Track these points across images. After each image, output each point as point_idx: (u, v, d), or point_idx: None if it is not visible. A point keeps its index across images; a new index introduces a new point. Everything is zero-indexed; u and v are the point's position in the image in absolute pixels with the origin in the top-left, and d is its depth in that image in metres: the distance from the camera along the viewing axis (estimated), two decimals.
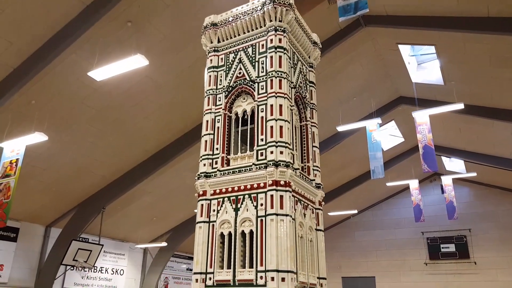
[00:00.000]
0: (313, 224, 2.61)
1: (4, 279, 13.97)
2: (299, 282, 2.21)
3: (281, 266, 2.08)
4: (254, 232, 2.21)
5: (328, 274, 2.60)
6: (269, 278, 2.06)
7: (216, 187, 2.50)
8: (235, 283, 2.20)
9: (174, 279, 20.55)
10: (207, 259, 2.33)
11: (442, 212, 18.26)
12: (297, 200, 2.46)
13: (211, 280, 2.25)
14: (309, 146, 2.82)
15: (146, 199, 15.51)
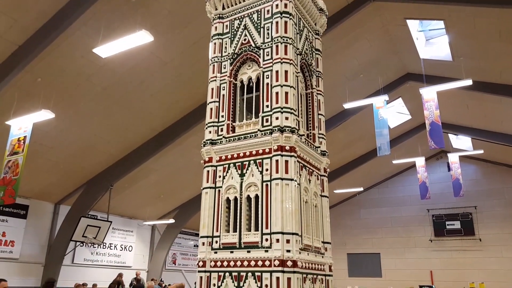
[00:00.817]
0: (318, 190, 2.63)
1: (16, 255, 14.32)
2: (304, 244, 2.24)
3: (286, 228, 2.11)
4: (259, 197, 2.24)
5: (333, 251, 2.64)
6: (274, 240, 2.10)
7: (221, 154, 2.52)
8: (241, 245, 2.23)
9: (182, 255, 20.94)
10: (214, 223, 2.37)
11: (448, 190, 18.26)
12: (302, 166, 2.47)
13: (218, 243, 2.29)
14: (315, 114, 2.81)
15: (153, 177, 15.66)
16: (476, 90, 12.99)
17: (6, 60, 9.41)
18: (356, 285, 18.09)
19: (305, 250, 2.28)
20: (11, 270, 14.12)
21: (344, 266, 21.31)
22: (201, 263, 2.27)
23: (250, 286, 2.14)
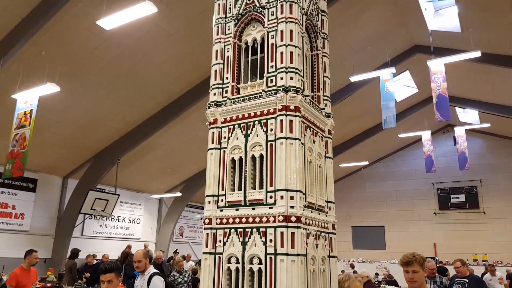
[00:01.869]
0: (322, 151, 2.65)
1: (26, 227, 14.65)
2: (308, 202, 2.29)
3: (290, 186, 2.15)
4: (264, 156, 2.27)
5: (338, 224, 2.70)
6: (279, 197, 2.14)
7: (226, 115, 2.54)
8: (246, 203, 2.28)
9: (189, 228, 21.33)
10: (219, 182, 2.41)
11: (453, 164, 18.26)
12: (306, 126, 2.49)
13: (223, 201, 2.34)
14: (320, 76, 2.80)
15: (159, 151, 15.78)
16: (485, 62, 12.80)
17: (10, 33, 9.38)
18: (360, 257, 18.43)
19: (309, 208, 2.33)
20: (22, 242, 14.48)
21: (349, 238, 21.60)
22: (207, 220, 2.33)
23: (255, 241, 2.20)
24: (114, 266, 3.76)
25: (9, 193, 14.34)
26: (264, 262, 2.11)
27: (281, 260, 2.06)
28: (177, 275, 9.74)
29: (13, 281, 6.69)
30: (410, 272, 3.70)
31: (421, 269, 3.75)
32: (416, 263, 3.73)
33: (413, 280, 3.70)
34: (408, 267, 3.73)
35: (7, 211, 14.21)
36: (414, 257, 3.77)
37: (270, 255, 2.10)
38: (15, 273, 6.83)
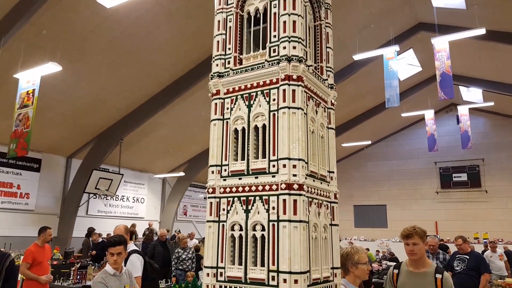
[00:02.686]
0: (325, 122, 2.66)
1: (31, 206, 14.84)
2: (310, 171, 2.32)
3: (292, 154, 2.18)
4: (266, 126, 2.28)
5: (340, 202, 2.74)
6: (281, 165, 2.17)
7: (229, 86, 2.54)
8: (249, 172, 2.31)
9: (193, 207, 21.57)
10: (222, 153, 2.43)
11: (456, 143, 18.26)
12: (309, 97, 2.49)
13: (226, 171, 2.37)
14: (323, 46, 2.78)
15: (162, 131, 15.83)
16: (490, 40, 12.64)
17: (10, 12, 9.31)
18: (361, 235, 18.63)
19: (311, 177, 2.36)
20: (28, 221, 14.70)
21: (351, 217, 21.81)
22: (211, 189, 2.36)
23: (258, 208, 2.24)
24: (123, 239, 3.97)
25: (13, 173, 14.48)
26: (267, 228, 2.15)
27: (284, 227, 2.10)
28: (181, 251, 9.91)
29: (29, 258, 6.75)
30: (410, 244, 3.74)
31: (421, 242, 3.79)
32: (416, 236, 3.77)
33: (413, 252, 3.75)
34: (409, 240, 3.76)
35: (12, 191, 14.38)
36: (414, 230, 3.81)
37: (273, 222, 2.14)
38: (30, 250, 6.89)
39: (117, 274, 3.84)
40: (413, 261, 3.83)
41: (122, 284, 3.84)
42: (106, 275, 3.80)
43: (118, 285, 3.78)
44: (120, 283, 3.82)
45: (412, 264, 3.85)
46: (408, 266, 3.88)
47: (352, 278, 3.04)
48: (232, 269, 2.22)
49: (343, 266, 3.04)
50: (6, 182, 14.26)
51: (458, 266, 7.63)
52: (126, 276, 4.00)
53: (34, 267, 6.81)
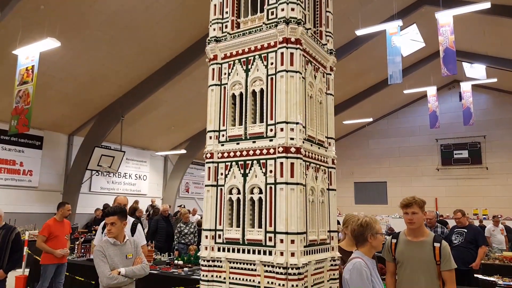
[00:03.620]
0: (323, 87, 2.64)
1: (35, 183, 14.97)
2: (308, 135, 2.32)
3: (290, 118, 2.18)
4: (264, 90, 2.27)
5: (341, 180, 2.73)
6: (279, 129, 2.17)
7: (226, 51, 2.51)
8: (247, 137, 2.32)
9: (194, 184, 21.74)
10: (220, 118, 2.43)
11: (458, 120, 18.18)
12: (307, 61, 2.46)
13: (224, 136, 2.38)
14: (322, 10, 2.73)
15: (163, 109, 15.79)
16: (494, 14, 12.41)
17: None
18: (362, 212, 18.78)
19: (309, 141, 2.36)
20: (32, 198, 14.86)
21: (351, 194, 21.95)
22: (209, 154, 2.37)
23: (255, 172, 2.25)
24: (117, 209, 4.01)
25: (16, 151, 14.55)
26: (264, 191, 2.18)
27: (281, 189, 2.12)
28: (183, 226, 10.06)
29: (45, 231, 6.93)
30: (409, 213, 3.73)
31: (421, 211, 3.78)
32: (415, 205, 3.76)
33: (412, 221, 3.74)
34: (408, 209, 3.76)
35: (15, 168, 14.48)
36: (414, 199, 3.81)
37: (270, 185, 2.16)
38: (47, 224, 7.06)
39: (117, 243, 3.88)
40: (412, 230, 3.83)
41: (123, 253, 3.86)
42: (106, 244, 3.87)
43: (119, 254, 3.81)
44: (120, 252, 3.85)
45: (410, 234, 3.86)
46: (406, 236, 3.89)
47: (368, 250, 2.97)
48: (230, 231, 2.25)
49: (361, 236, 2.98)
50: (8, 159, 14.34)
51: (456, 239, 7.72)
52: (130, 245, 4.02)
53: (51, 241, 6.96)
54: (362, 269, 2.74)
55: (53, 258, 7.00)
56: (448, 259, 3.60)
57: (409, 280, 3.64)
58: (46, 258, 6.99)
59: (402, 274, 3.76)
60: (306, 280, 2.05)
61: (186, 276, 7.74)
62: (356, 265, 2.73)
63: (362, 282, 2.66)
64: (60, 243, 7.10)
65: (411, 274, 3.63)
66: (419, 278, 3.63)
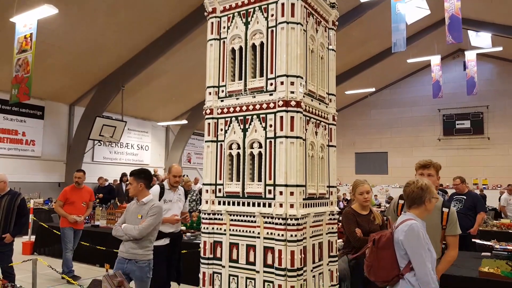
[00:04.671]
0: (325, 42, 2.59)
1: (38, 153, 15.06)
2: (308, 90, 2.29)
3: (290, 71, 2.15)
4: (264, 44, 2.23)
5: (342, 150, 2.71)
6: (279, 83, 2.15)
7: (225, 3, 2.44)
8: (246, 91, 2.30)
9: (196, 155, 21.83)
10: (219, 73, 2.41)
11: (461, 90, 18.01)
12: (309, 13, 2.40)
13: (224, 92, 2.36)
14: None
15: (164, 79, 15.67)
16: None
17: None
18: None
19: (309, 96, 2.34)
20: (36, 167, 14.99)
21: (352, 164, 22.03)
22: (209, 110, 2.37)
23: (255, 127, 2.25)
24: (134, 172, 4.39)
25: (18, 120, 14.56)
26: (264, 146, 2.18)
27: (280, 143, 2.12)
28: None
29: (61, 197, 7.28)
30: (425, 175, 3.62)
31: (436, 175, 3.67)
32: (433, 167, 3.66)
33: None
34: (425, 170, 3.64)
35: (18, 138, 14.53)
36: (431, 162, 3.69)
37: (270, 139, 2.16)
38: (64, 190, 7.42)
39: (136, 202, 4.29)
40: None
41: (136, 212, 4.18)
42: (133, 201, 4.38)
43: (135, 212, 4.18)
44: (136, 211, 4.19)
45: None
46: None
47: (421, 212, 2.99)
48: (230, 185, 2.27)
49: (419, 198, 2.99)
50: (11, 129, 14.37)
51: (455, 206, 7.80)
52: (146, 207, 4.17)
53: (67, 206, 7.26)
54: (419, 231, 2.82)
55: (68, 222, 7.24)
56: (455, 225, 3.57)
57: None
58: (63, 222, 7.28)
59: None
60: (304, 231, 2.08)
61: (189, 240, 7.93)
62: (412, 227, 2.79)
63: (419, 243, 2.73)
64: (76, 209, 7.34)
65: None
66: None
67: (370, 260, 2.89)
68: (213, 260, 2.06)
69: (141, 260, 4.05)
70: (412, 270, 2.82)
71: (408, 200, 3.04)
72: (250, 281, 1.98)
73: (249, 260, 2.01)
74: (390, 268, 2.83)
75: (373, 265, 2.89)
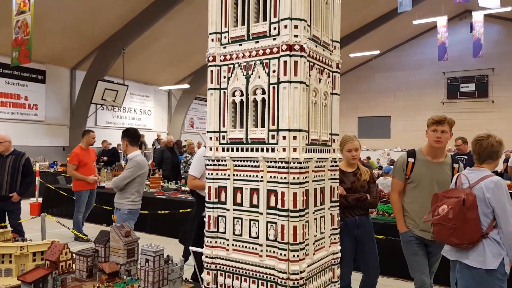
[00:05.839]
0: None
1: (41, 117, 15.10)
2: (312, 35, 2.27)
3: (294, 14, 2.11)
4: None
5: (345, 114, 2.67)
6: (282, 26, 2.11)
7: None
8: (249, 37, 2.27)
9: (199, 119, 21.86)
10: (222, 19, 2.37)
11: (467, 52, 17.69)
12: None
13: (226, 38, 2.33)
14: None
15: (165, 41, 15.44)
16: None
17: None
18: (364, 145, 18.94)
19: (313, 41, 2.31)
20: (40, 132, 15.08)
21: (354, 128, 22.01)
22: (211, 58, 2.34)
23: (258, 73, 2.24)
24: (123, 132, 4.84)
25: (19, 85, 14.52)
26: (267, 91, 2.17)
27: (284, 88, 2.12)
28: (189, 156, 10.29)
29: (75, 160, 7.02)
30: (439, 131, 3.47)
31: (449, 132, 3.54)
32: (447, 124, 3.52)
33: (440, 140, 3.47)
34: (439, 126, 3.49)
35: (21, 102, 14.54)
36: (446, 118, 3.55)
37: (273, 85, 2.15)
38: (75, 153, 7.11)
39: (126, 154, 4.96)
40: (434, 150, 3.54)
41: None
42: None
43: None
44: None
45: (430, 153, 3.58)
46: (425, 155, 3.60)
47: (492, 167, 2.97)
48: (234, 131, 2.28)
49: (496, 153, 2.97)
50: (13, 93, 14.36)
51: None
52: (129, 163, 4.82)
53: (81, 168, 7.10)
54: (505, 186, 2.81)
55: (85, 185, 7.16)
56: None
57: (425, 199, 3.47)
58: (79, 185, 7.16)
59: (417, 195, 3.58)
60: (307, 175, 2.11)
61: (193, 200, 8.06)
62: (500, 183, 2.77)
63: (506, 199, 2.72)
64: (90, 169, 7.27)
65: (428, 194, 3.41)
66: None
67: (455, 222, 2.80)
68: (218, 204, 2.10)
69: (122, 208, 4.61)
70: (495, 228, 2.79)
71: (484, 155, 2.96)
72: (254, 223, 2.03)
73: (252, 203, 2.05)
74: (477, 229, 2.78)
75: (458, 227, 2.80)
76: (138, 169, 4.68)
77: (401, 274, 5.09)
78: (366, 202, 3.87)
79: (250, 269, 2.05)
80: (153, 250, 2.58)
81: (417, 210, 3.57)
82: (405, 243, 3.67)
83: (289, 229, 1.92)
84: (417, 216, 3.56)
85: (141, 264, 2.62)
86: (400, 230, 3.69)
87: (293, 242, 1.93)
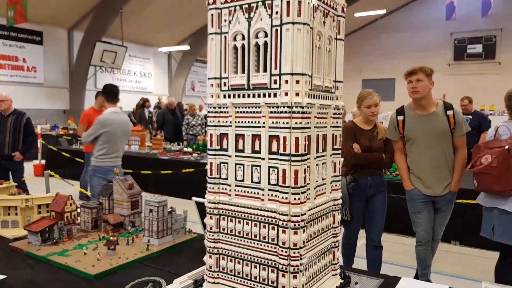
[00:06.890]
0: None
1: (40, 80, 14.96)
2: None
3: None
4: None
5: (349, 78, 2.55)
6: None
7: None
8: None
9: (200, 83, 21.63)
10: None
11: (475, 13, 17.17)
12: None
13: None
14: None
15: (164, 0, 15.02)
16: None
17: None
18: None
19: None
20: (39, 95, 14.98)
21: (358, 91, 21.78)
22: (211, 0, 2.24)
23: (260, 15, 2.14)
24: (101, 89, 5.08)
25: (16, 46, 14.30)
26: (269, 34, 2.08)
27: (287, 29, 2.02)
28: (191, 118, 10.24)
29: (84, 121, 6.88)
30: (413, 81, 3.39)
31: (427, 79, 3.41)
32: (420, 72, 3.40)
33: (416, 89, 3.39)
34: (412, 76, 3.40)
35: (19, 64, 14.37)
36: (419, 67, 3.42)
37: (276, 27, 2.05)
38: (86, 113, 7.01)
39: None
40: (418, 102, 3.47)
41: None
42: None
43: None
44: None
45: (418, 107, 3.51)
46: (414, 110, 3.54)
47: None
48: (235, 77, 2.21)
49: None
50: (11, 55, 14.17)
51: None
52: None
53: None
54: None
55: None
56: (462, 125, 3.43)
57: (424, 155, 3.47)
58: (89, 146, 7.14)
59: (415, 151, 3.55)
60: (309, 120, 2.06)
61: (195, 160, 8.13)
62: None
63: None
64: None
65: (427, 148, 3.45)
66: (433, 151, 3.46)
67: (500, 170, 2.93)
68: (220, 151, 2.06)
69: (92, 165, 4.74)
70: None
71: None
72: (256, 168, 2.00)
73: (254, 149, 2.01)
74: None
75: (502, 174, 2.94)
76: (100, 127, 4.62)
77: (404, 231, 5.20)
78: (381, 162, 3.79)
79: (252, 213, 2.04)
80: (157, 200, 2.59)
81: (418, 166, 3.56)
82: (409, 201, 3.67)
83: (291, 173, 1.89)
84: (420, 173, 3.55)
85: (145, 214, 2.64)
86: (406, 187, 3.68)
87: (295, 185, 1.91)
